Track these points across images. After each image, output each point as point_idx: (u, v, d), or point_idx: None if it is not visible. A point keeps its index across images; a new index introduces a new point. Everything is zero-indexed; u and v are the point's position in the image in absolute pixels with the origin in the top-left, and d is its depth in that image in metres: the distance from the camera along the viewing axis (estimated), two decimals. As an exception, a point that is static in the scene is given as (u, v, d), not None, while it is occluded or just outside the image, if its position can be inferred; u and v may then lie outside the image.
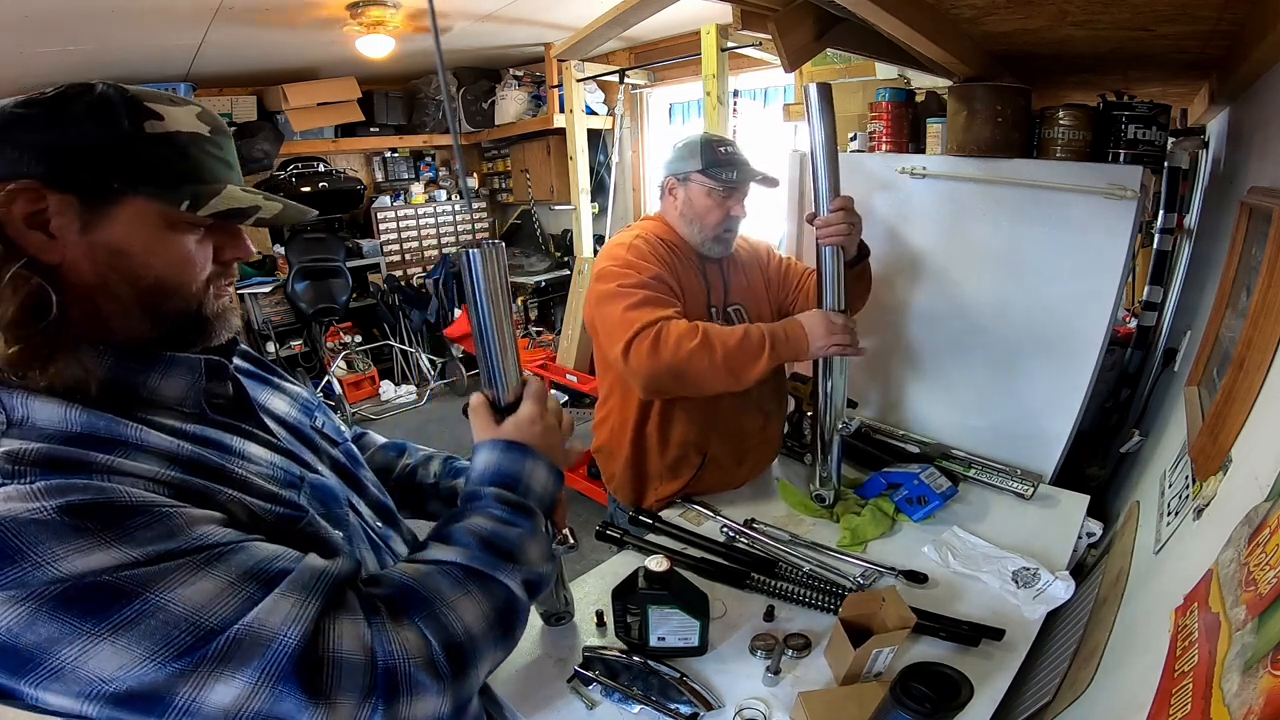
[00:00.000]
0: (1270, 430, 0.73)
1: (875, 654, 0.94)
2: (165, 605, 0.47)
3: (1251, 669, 0.50)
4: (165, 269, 0.58)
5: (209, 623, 0.48)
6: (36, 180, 0.52)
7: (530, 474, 0.73)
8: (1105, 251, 1.40)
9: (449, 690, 0.57)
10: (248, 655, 0.48)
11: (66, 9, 2.35)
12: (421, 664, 0.55)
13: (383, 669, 0.53)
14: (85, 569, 0.45)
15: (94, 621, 0.46)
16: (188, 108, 0.60)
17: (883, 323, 1.75)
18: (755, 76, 3.48)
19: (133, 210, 0.56)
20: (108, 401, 0.55)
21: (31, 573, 0.44)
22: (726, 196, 1.38)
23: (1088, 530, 1.36)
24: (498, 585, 0.64)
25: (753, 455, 1.55)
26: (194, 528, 0.51)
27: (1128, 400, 1.71)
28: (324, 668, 0.51)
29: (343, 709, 0.51)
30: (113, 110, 0.55)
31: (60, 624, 0.45)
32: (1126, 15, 1.08)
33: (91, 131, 0.54)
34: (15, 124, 0.53)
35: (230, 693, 0.48)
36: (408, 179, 4.93)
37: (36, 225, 0.53)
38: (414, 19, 2.95)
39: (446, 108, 4.38)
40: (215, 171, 0.61)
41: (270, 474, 0.63)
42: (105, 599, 0.46)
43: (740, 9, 1.37)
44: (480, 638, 0.60)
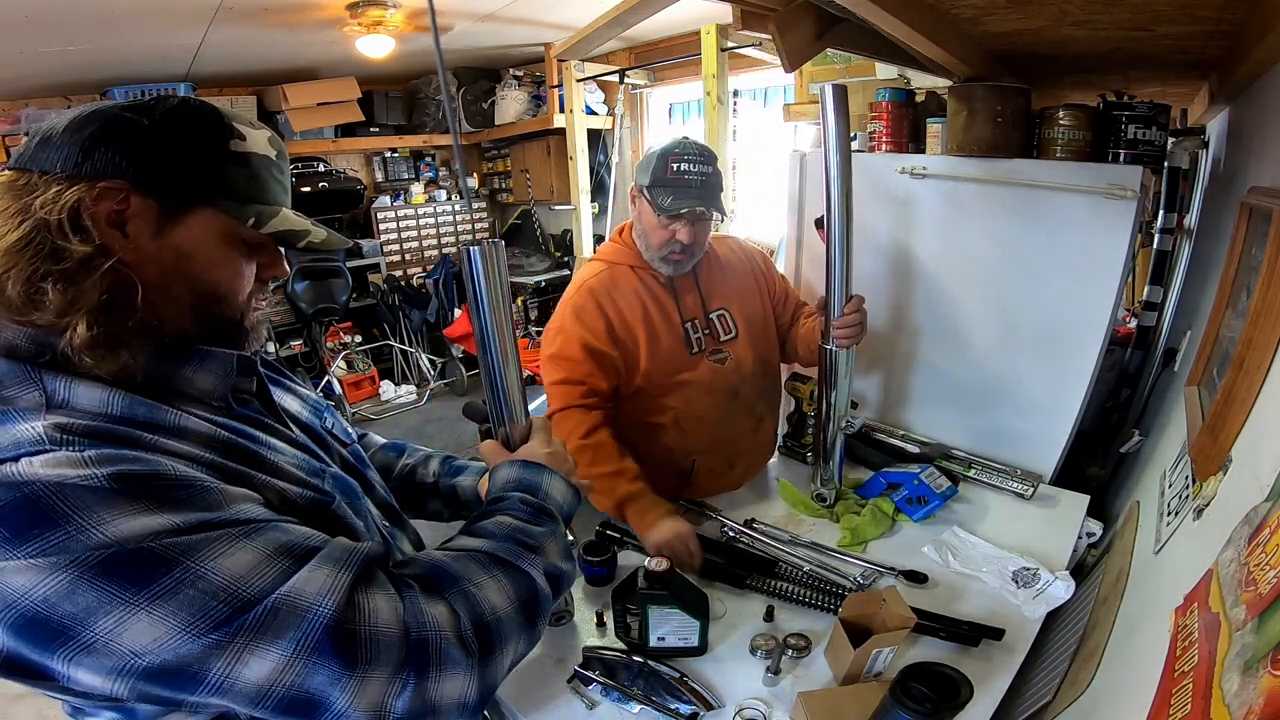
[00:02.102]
0: (1270, 430, 0.73)
1: (875, 654, 0.94)
2: (204, 574, 0.48)
3: (1251, 669, 0.50)
4: (221, 277, 0.63)
5: (247, 593, 0.49)
6: (125, 182, 0.56)
7: (549, 485, 0.76)
8: (1105, 251, 1.40)
9: (476, 670, 0.57)
10: (283, 626, 0.49)
11: (66, 9, 2.35)
12: (453, 638, 0.56)
13: (416, 640, 0.54)
14: (130, 534, 0.46)
15: (134, 590, 0.46)
16: (262, 131, 0.65)
17: (883, 322, 1.75)
18: (755, 76, 3.47)
19: (203, 220, 0.60)
20: (146, 390, 0.57)
21: (76, 537, 0.45)
22: (671, 219, 1.30)
23: (1088, 530, 1.36)
24: (522, 573, 0.66)
25: (745, 458, 1.54)
26: (233, 504, 0.53)
27: (1128, 400, 1.71)
28: (358, 639, 0.51)
29: (375, 682, 0.52)
30: (202, 126, 0.60)
31: (100, 592, 0.45)
32: (1126, 15, 1.08)
33: (182, 144, 0.59)
34: (118, 125, 0.57)
35: (266, 666, 0.48)
36: (408, 179, 4.92)
37: (115, 224, 0.56)
38: (414, 19, 2.95)
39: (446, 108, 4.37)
40: (276, 194, 0.66)
41: (296, 464, 0.66)
42: (147, 566, 0.46)
43: (740, 9, 1.37)
44: (506, 621, 0.62)
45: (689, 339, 1.41)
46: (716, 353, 1.43)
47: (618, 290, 1.38)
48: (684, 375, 1.39)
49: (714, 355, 1.43)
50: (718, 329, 1.45)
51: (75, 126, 0.56)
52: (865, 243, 1.73)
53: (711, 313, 1.45)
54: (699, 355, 1.41)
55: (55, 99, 3.63)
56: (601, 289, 1.37)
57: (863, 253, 1.73)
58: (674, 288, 1.41)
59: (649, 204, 1.32)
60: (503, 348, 0.78)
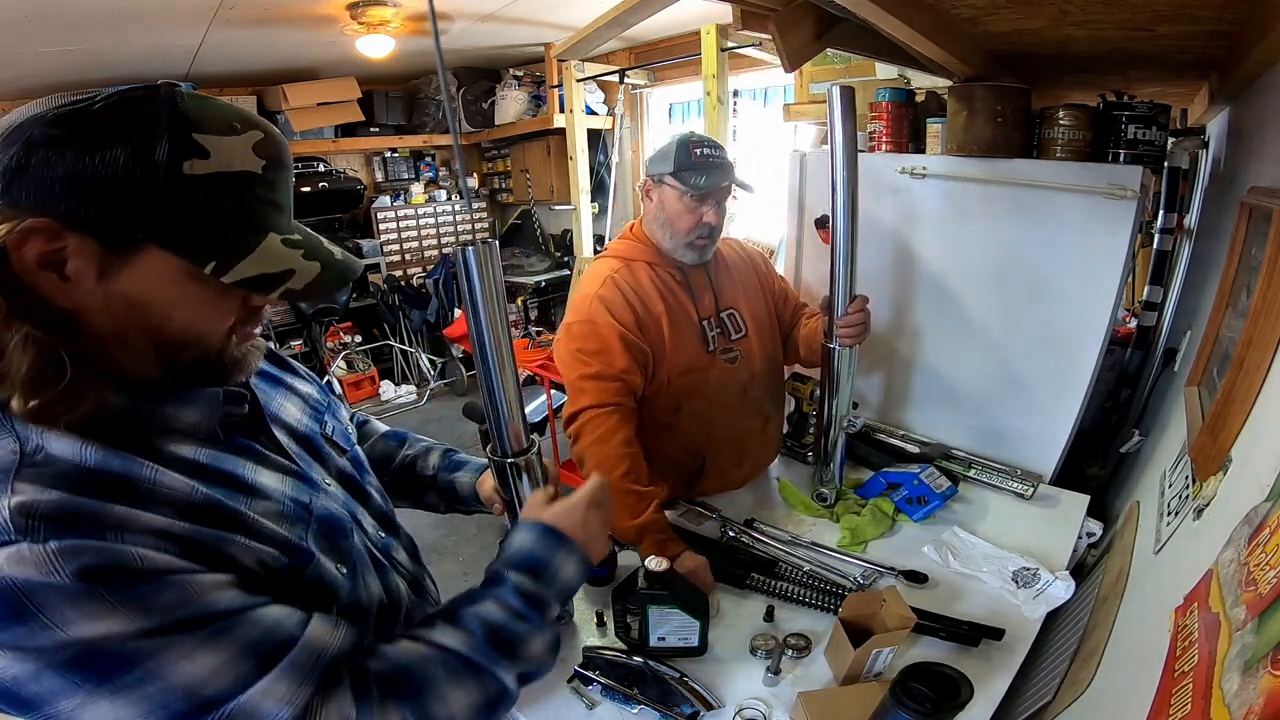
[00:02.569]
0: (1270, 430, 0.73)
1: (875, 654, 0.94)
2: (166, 675, 0.48)
3: (1251, 669, 0.50)
4: (186, 322, 0.55)
5: (206, 694, 0.49)
6: (53, 219, 0.47)
7: (560, 565, 0.72)
8: (1105, 251, 1.40)
9: None
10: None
11: (66, 9, 2.35)
12: None
13: None
14: (94, 635, 0.46)
15: (96, 683, 0.46)
16: (247, 135, 0.53)
17: (883, 322, 1.75)
18: (755, 76, 3.47)
19: (153, 261, 0.51)
20: (124, 431, 0.53)
21: (41, 634, 0.45)
22: (699, 202, 1.33)
23: (1088, 530, 1.36)
24: (492, 679, 0.64)
25: (752, 457, 1.55)
26: (203, 596, 0.51)
27: (1128, 400, 1.71)
28: None
29: None
30: (153, 139, 0.48)
31: (64, 681, 0.46)
32: (1126, 15, 1.08)
33: (124, 165, 0.47)
34: (46, 145, 0.46)
35: None
36: (408, 179, 4.92)
37: (51, 266, 0.48)
38: (414, 19, 2.95)
39: (446, 108, 4.38)
40: (257, 219, 0.54)
41: (280, 509, 0.63)
42: (110, 664, 0.47)
43: (740, 9, 1.37)
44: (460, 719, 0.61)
45: (706, 336, 1.41)
46: (728, 351, 1.44)
47: (639, 284, 1.37)
48: (699, 373, 1.39)
49: (725, 354, 1.43)
50: (729, 327, 1.46)
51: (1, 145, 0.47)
52: (865, 243, 1.72)
53: (723, 311, 1.46)
54: (713, 354, 1.42)
55: (55, 99, 3.64)
56: (624, 282, 1.36)
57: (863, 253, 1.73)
58: (690, 285, 1.41)
59: (675, 189, 1.33)
60: (498, 347, 0.78)
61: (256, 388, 0.70)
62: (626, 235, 1.46)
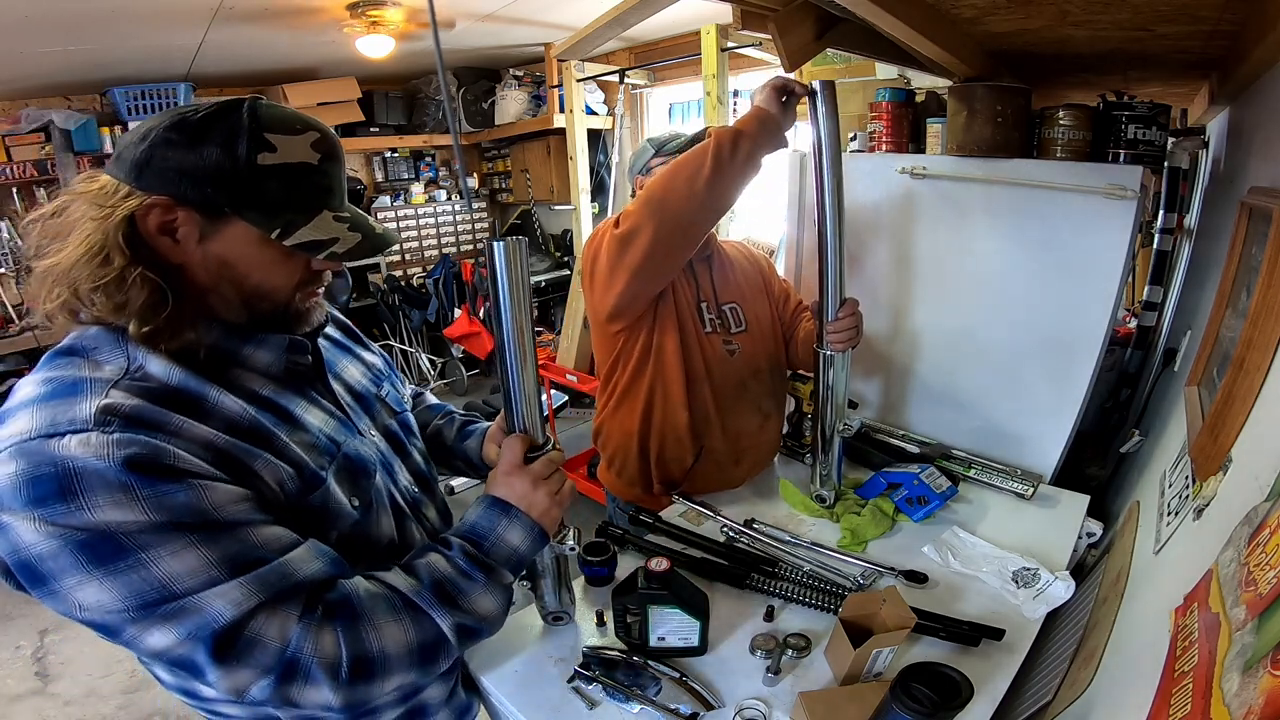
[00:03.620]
0: (1270, 430, 0.73)
1: (875, 654, 0.94)
2: (151, 567, 0.59)
3: (1251, 669, 0.50)
4: (261, 279, 0.71)
5: (175, 589, 0.60)
6: (170, 197, 0.65)
7: (503, 533, 0.82)
8: (1105, 251, 1.40)
9: (342, 691, 0.66)
10: (184, 620, 0.60)
11: (66, 9, 2.35)
12: (323, 664, 0.65)
13: (289, 657, 0.64)
14: (111, 520, 0.57)
15: (96, 565, 0.57)
16: (305, 135, 0.69)
17: (882, 322, 1.75)
18: (755, 76, 3.47)
19: (238, 230, 0.68)
20: (210, 362, 0.69)
21: (75, 514, 0.56)
22: None
23: (1088, 530, 1.36)
24: (429, 622, 0.73)
25: (750, 455, 1.55)
26: (214, 504, 0.62)
27: (1128, 400, 1.71)
28: (238, 644, 0.62)
29: (241, 675, 0.62)
30: (236, 140, 0.65)
31: (74, 560, 0.57)
32: (1126, 15, 1.08)
33: (216, 159, 0.65)
34: (162, 146, 0.65)
35: (162, 641, 0.61)
36: (408, 179, 4.93)
37: (166, 233, 0.66)
38: (414, 19, 2.95)
39: (446, 108, 4.37)
40: (314, 200, 0.71)
41: (313, 442, 0.75)
42: (112, 550, 0.58)
43: (740, 9, 1.37)
44: (394, 660, 0.69)
45: (702, 316, 1.44)
46: (728, 342, 1.46)
47: None
48: (697, 349, 1.43)
49: (726, 345, 1.46)
50: (729, 319, 1.48)
51: (133, 143, 0.66)
52: (865, 242, 1.74)
53: (723, 304, 1.48)
54: (712, 334, 1.44)
55: (55, 99, 3.63)
56: None
57: (862, 252, 1.75)
58: (693, 273, 1.45)
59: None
60: (521, 343, 0.81)
61: (326, 350, 0.86)
62: None
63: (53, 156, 3.45)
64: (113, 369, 0.64)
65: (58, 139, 3.40)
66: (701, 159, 1.19)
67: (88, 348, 0.66)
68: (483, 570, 0.78)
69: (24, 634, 2.49)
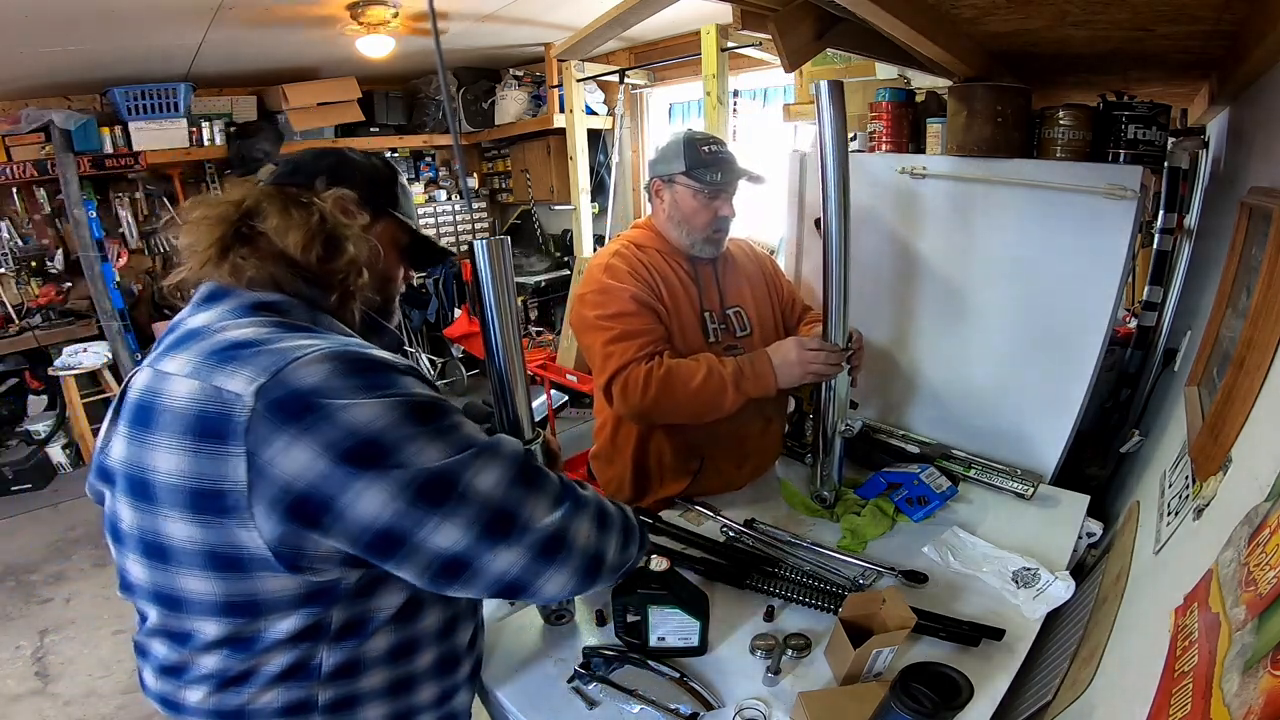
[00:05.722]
0: (1270, 430, 0.73)
1: (875, 654, 0.94)
2: (462, 426, 0.69)
3: (1251, 669, 0.50)
4: (388, 267, 0.90)
5: (478, 439, 0.70)
6: (354, 192, 0.84)
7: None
8: (1105, 251, 1.40)
9: (577, 580, 0.75)
10: (501, 453, 0.71)
11: (66, 9, 2.35)
12: (611, 562, 0.79)
13: (593, 555, 0.76)
14: (423, 393, 0.68)
15: (425, 425, 0.65)
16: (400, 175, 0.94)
17: (882, 322, 1.75)
18: (755, 76, 3.48)
19: (387, 227, 0.89)
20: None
21: (401, 387, 0.66)
22: (713, 197, 1.36)
23: (1088, 530, 1.36)
24: (628, 547, 0.85)
25: (753, 458, 1.55)
26: (468, 428, 0.71)
27: (1128, 400, 1.71)
28: (562, 543, 0.72)
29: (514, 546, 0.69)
30: (387, 169, 0.92)
31: (412, 424, 0.65)
32: (1126, 15, 1.08)
33: (382, 173, 0.90)
34: (348, 162, 0.88)
35: (491, 476, 0.69)
36: (408, 179, 4.92)
37: (347, 215, 0.82)
38: (414, 19, 2.95)
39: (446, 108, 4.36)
40: (414, 212, 0.96)
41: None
42: (438, 412, 0.68)
43: (740, 9, 1.37)
44: (609, 567, 0.79)
45: (707, 328, 1.42)
46: (731, 348, 1.45)
47: (649, 259, 1.39)
48: None
49: (728, 351, 1.44)
50: (733, 324, 1.47)
51: (315, 157, 0.87)
52: (865, 243, 1.73)
53: (728, 309, 1.46)
54: (715, 346, 1.43)
55: (55, 99, 3.63)
56: (631, 255, 1.38)
57: (862, 253, 1.74)
58: (697, 278, 1.43)
59: (688, 187, 1.36)
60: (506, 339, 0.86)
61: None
62: (639, 225, 1.48)
63: (53, 156, 3.45)
64: (319, 333, 0.73)
65: (58, 139, 3.40)
66: (720, 399, 1.29)
67: (283, 307, 0.75)
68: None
69: (24, 634, 2.49)
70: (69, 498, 3.47)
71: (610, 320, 1.30)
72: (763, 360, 1.31)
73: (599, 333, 1.31)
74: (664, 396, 1.26)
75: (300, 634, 0.70)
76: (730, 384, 1.28)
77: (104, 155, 3.60)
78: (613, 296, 1.31)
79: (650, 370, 1.27)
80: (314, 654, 0.72)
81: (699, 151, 1.35)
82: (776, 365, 1.30)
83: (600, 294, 1.32)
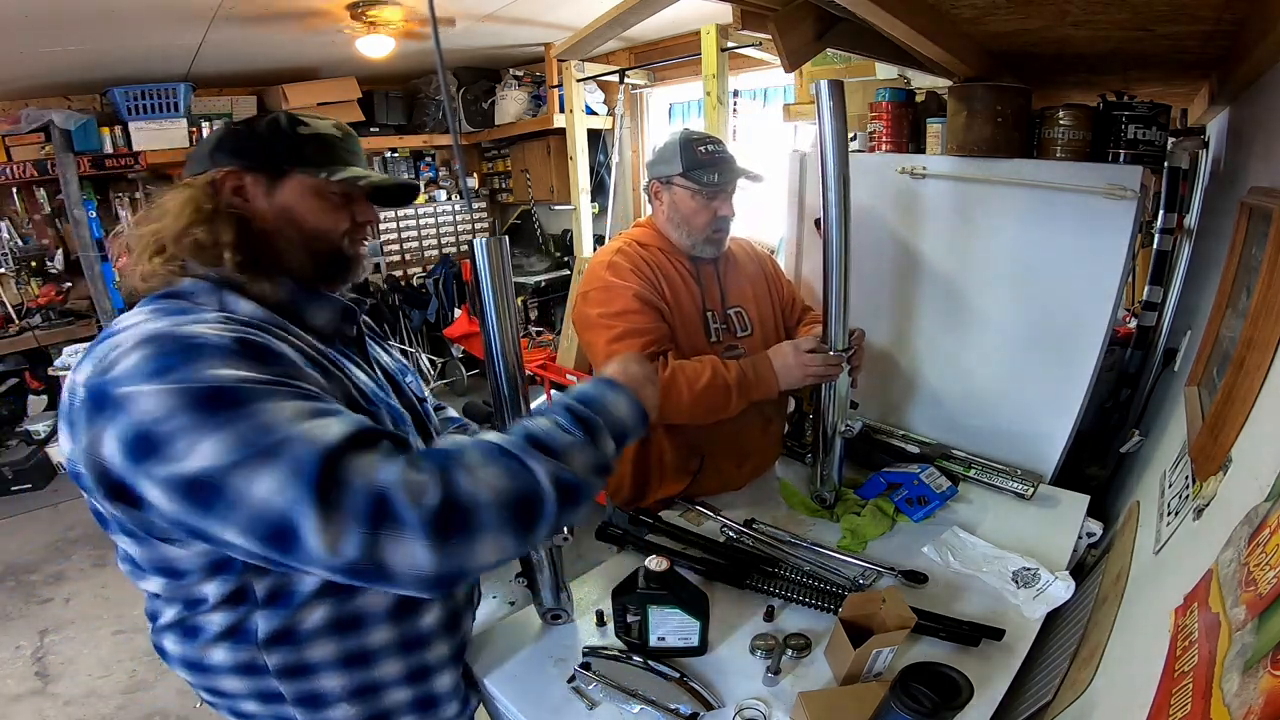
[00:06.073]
0: (1270, 430, 0.73)
1: (875, 654, 0.94)
2: (258, 414, 0.62)
3: (1251, 669, 0.50)
4: (316, 221, 0.86)
5: (277, 427, 0.61)
6: (239, 167, 0.83)
7: (611, 400, 0.81)
8: (1105, 251, 1.40)
9: (433, 543, 0.60)
10: (285, 452, 0.60)
11: (66, 9, 2.35)
12: (413, 504, 0.60)
13: (378, 494, 0.60)
14: (224, 375, 0.63)
15: (208, 417, 0.61)
16: (326, 120, 0.89)
17: (882, 322, 1.75)
18: (755, 76, 3.47)
19: (294, 182, 0.85)
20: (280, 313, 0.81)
21: (194, 372, 0.63)
22: (712, 198, 1.36)
23: (1088, 530, 1.36)
24: (521, 468, 0.67)
25: (753, 458, 1.55)
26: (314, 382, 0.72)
27: (1128, 400, 1.71)
28: (336, 476, 0.60)
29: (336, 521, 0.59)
30: (280, 122, 0.85)
31: (189, 416, 0.61)
32: (1126, 15, 1.08)
33: (269, 132, 0.84)
34: (227, 138, 0.85)
35: (266, 485, 0.59)
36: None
37: (238, 194, 0.83)
38: (414, 19, 2.95)
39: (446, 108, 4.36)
40: (343, 159, 0.88)
41: (365, 390, 0.85)
42: (227, 400, 0.62)
43: (740, 9, 1.37)
44: (485, 509, 0.63)
45: (709, 327, 1.42)
46: (732, 348, 1.45)
47: (650, 258, 1.39)
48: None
49: (729, 351, 1.44)
50: (735, 324, 1.46)
51: (199, 148, 0.86)
52: (865, 243, 1.72)
53: (730, 308, 1.46)
54: (716, 346, 1.42)
55: (55, 99, 3.63)
56: (634, 253, 1.38)
57: (862, 253, 1.73)
58: (699, 278, 1.43)
59: (686, 189, 1.35)
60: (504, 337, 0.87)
61: (366, 331, 0.98)
62: (640, 225, 1.48)
63: (53, 156, 3.45)
64: (211, 311, 0.75)
65: (58, 139, 3.40)
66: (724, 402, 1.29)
67: (187, 292, 0.78)
68: (582, 427, 0.74)
69: (24, 634, 2.49)
70: (69, 498, 3.47)
71: (613, 318, 1.30)
72: (765, 364, 1.32)
73: (602, 331, 1.30)
74: (668, 398, 1.26)
75: (229, 598, 0.78)
76: (734, 387, 1.29)
77: (104, 155, 3.60)
78: (616, 294, 1.31)
79: (655, 370, 1.26)
80: (248, 618, 0.79)
81: (696, 152, 1.34)
82: (777, 369, 1.31)
83: (603, 291, 1.32)
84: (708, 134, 1.40)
